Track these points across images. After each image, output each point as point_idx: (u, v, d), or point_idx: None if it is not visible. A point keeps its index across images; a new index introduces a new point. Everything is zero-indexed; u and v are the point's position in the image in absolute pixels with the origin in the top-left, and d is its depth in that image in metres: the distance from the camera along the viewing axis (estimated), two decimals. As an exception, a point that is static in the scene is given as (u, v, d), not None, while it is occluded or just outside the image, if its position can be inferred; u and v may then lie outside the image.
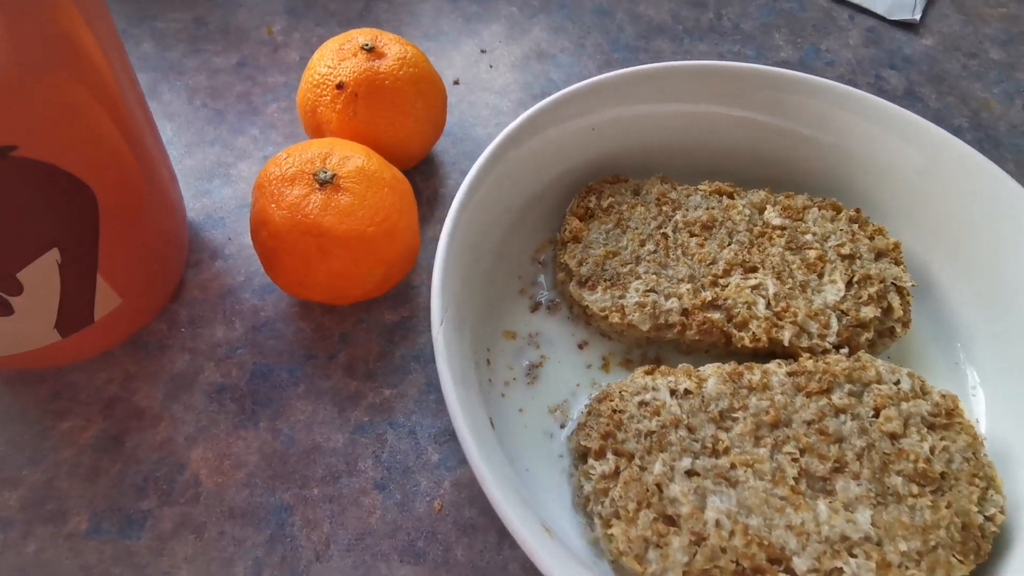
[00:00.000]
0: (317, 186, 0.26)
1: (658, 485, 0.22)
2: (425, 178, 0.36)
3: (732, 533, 0.21)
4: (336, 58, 0.31)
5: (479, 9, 0.47)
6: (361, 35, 0.32)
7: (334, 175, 0.26)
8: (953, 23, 0.50)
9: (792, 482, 0.23)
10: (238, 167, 0.36)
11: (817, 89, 0.31)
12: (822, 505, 0.22)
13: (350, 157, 0.27)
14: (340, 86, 0.30)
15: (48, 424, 0.27)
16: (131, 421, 0.28)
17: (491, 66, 0.43)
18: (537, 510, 0.23)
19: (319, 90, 0.31)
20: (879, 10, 0.50)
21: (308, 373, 0.29)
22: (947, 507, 0.22)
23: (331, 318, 0.31)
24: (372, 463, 0.27)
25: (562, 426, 0.26)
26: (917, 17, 0.49)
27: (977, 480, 0.23)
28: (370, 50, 0.31)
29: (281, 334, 0.30)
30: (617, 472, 0.23)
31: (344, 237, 0.26)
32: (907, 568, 0.21)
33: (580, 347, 0.28)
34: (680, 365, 0.26)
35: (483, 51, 0.44)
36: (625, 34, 0.47)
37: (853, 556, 0.21)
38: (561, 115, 0.29)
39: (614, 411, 0.24)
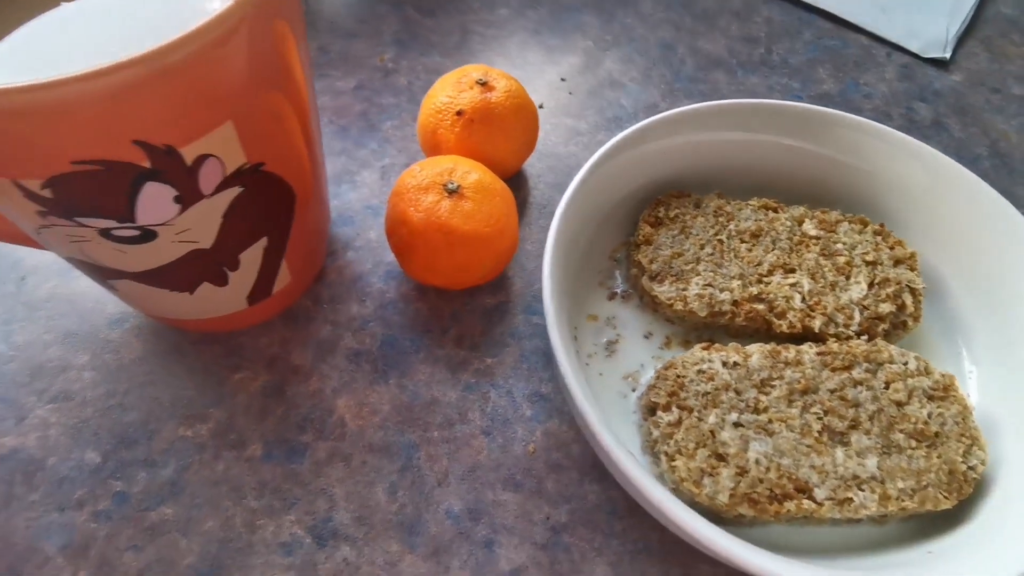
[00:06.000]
0: (446, 195, 0.33)
1: (712, 432, 0.29)
2: (516, 188, 0.43)
3: (768, 468, 0.28)
4: (455, 90, 0.38)
5: (559, 42, 0.54)
6: (475, 71, 0.39)
7: (459, 186, 0.34)
8: (980, 60, 0.55)
9: (816, 434, 0.29)
10: (361, 175, 0.44)
11: (851, 123, 0.37)
12: (839, 452, 0.28)
13: (470, 172, 0.34)
14: (459, 113, 0.37)
15: (224, 375, 0.35)
16: (289, 375, 0.35)
17: (570, 93, 0.50)
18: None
19: (440, 115, 0.38)
20: (913, 48, 0.56)
21: (426, 343, 0.37)
22: (938, 457, 0.29)
23: (443, 301, 0.38)
24: (479, 415, 0.34)
25: (633, 390, 0.33)
26: (948, 55, 0.55)
27: (964, 439, 0.29)
28: (483, 84, 0.38)
29: (403, 312, 0.38)
30: (680, 422, 0.29)
31: (467, 235, 0.33)
32: (903, 500, 0.27)
33: (648, 332, 0.35)
34: (730, 344, 0.32)
35: (563, 79, 0.51)
36: (686, 67, 0.54)
37: (861, 490, 0.28)
38: (640, 140, 0.35)
39: (678, 376, 0.30)
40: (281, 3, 0.22)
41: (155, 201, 0.22)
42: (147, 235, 0.24)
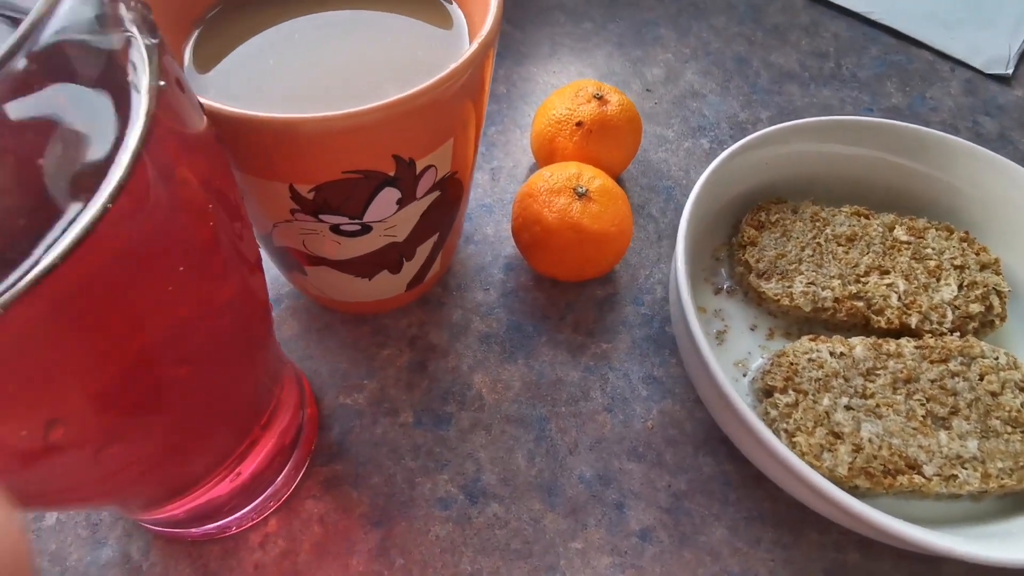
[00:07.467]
0: (576, 197, 0.37)
1: (826, 413, 0.32)
2: (617, 191, 0.47)
3: (880, 447, 0.31)
4: (573, 103, 0.42)
5: (642, 54, 0.58)
6: (589, 86, 0.43)
7: (587, 190, 0.37)
8: (1043, 78, 0.58)
9: (920, 419, 0.32)
10: (474, 176, 0.48)
11: (937, 140, 0.41)
12: (943, 435, 0.32)
13: (594, 178, 0.38)
14: (579, 124, 0.41)
15: (373, 351, 0.39)
16: (429, 353, 0.39)
17: (655, 103, 0.54)
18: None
19: (560, 125, 0.42)
20: (976, 64, 0.59)
21: (546, 329, 0.40)
22: (1032, 442, 0.32)
23: (558, 291, 0.42)
24: (599, 393, 0.38)
25: (744, 375, 0.37)
26: (1010, 71, 0.58)
27: (1053, 427, 0.33)
28: (599, 98, 0.42)
29: (523, 300, 0.42)
30: (797, 403, 0.33)
31: (595, 234, 0.37)
32: (1002, 478, 0.31)
33: (753, 324, 0.39)
34: (834, 336, 0.36)
35: (648, 90, 0.55)
36: (761, 79, 0.57)
37: (964, 468, 0.31)
38: (746, 151, 0.39)
39: (791, 363, 0.34)
40: (497, 33, 0.26)
41: (384, 202, 0.26)
42: (365, 229, 0.28)
